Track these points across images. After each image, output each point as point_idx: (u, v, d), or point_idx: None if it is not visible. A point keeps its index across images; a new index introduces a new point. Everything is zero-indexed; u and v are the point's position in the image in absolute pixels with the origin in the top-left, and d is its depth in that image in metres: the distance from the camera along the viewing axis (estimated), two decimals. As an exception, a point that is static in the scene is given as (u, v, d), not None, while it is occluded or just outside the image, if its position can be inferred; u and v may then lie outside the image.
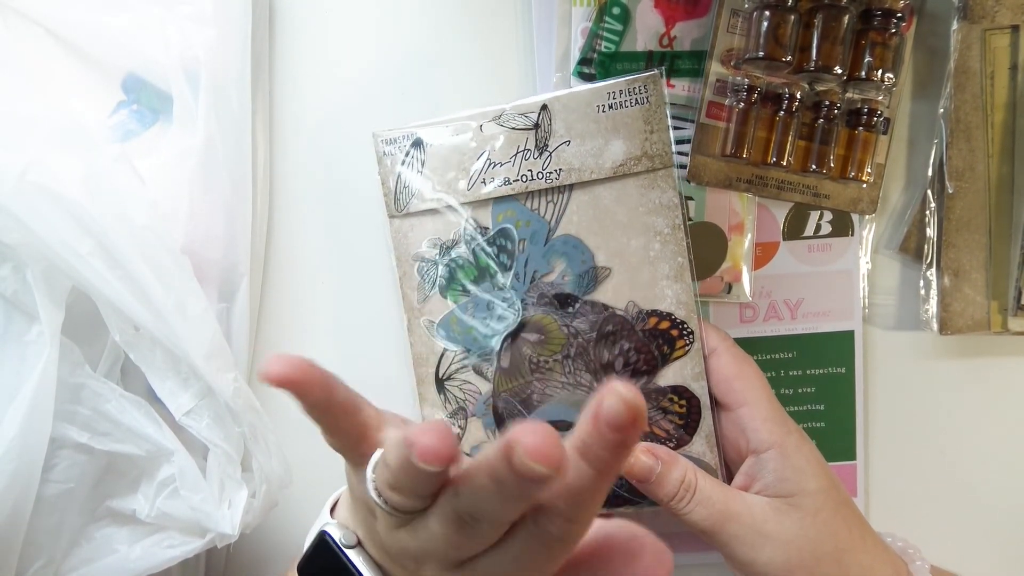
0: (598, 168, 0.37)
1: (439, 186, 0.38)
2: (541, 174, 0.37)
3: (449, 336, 0.39)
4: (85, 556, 0.41)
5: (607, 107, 0.36)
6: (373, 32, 0.45)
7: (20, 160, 0.36)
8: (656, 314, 0.37)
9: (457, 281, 0.38)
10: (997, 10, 0.41)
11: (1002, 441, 0.45)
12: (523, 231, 0.38)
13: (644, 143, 0.36)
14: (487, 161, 0.37)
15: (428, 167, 0.38)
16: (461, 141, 0.38)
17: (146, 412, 0.40)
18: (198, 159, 0.41)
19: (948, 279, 0.43)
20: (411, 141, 0.38)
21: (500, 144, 0.37)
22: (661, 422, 0.37)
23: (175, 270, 0.38)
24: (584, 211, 0.37)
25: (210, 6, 0.41)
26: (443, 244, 0.38)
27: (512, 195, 0.37)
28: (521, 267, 0.38)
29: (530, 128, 0.37)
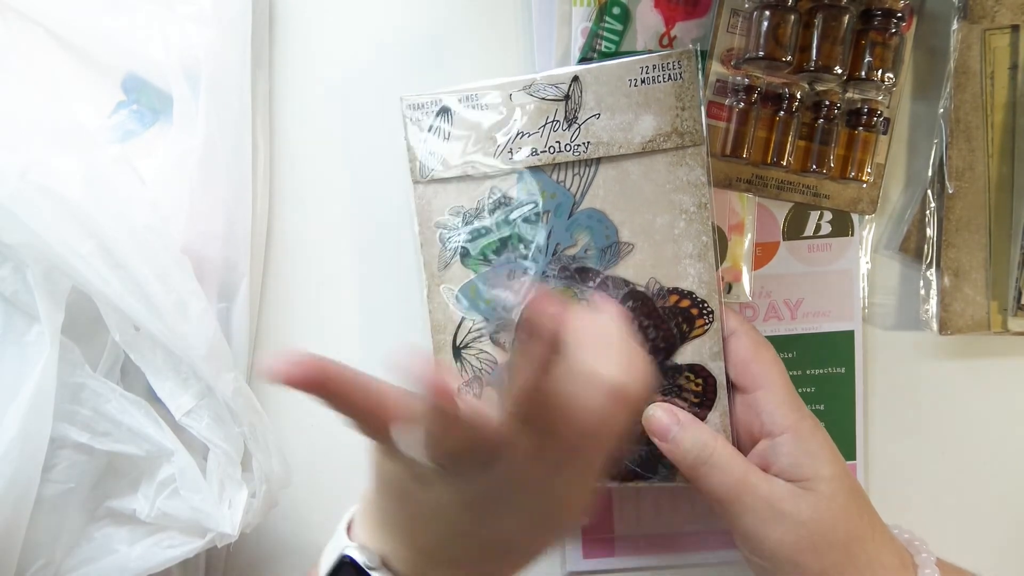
0: (627, 143, 0.37)
1: (465, 154, 0.38)
2: (569, 146, 0.37)
3: (469, 305, 0.39)
4: (85, 556, 0.41)
5: (639, 81, 0.36)
6: (372, 33, 0.45)
7: (20, 160, 0.36)
8: (677, 292, 0.37)
9: (479, 251, 0.39)
10: (997, 10, 0.41)
11: (1002, 441, 0.45)
12: (548, 203, 0.38)
13: (675, 120, 0.36)
14: (515, 131, 0.37)
15: (455, 135, 0.38)
16: (490, 110, 0.38)
17: (146, 412, 0.40)
18: (198, 159, 0.41)
19: (948, 279, 0.43)
20: (438, 108, 0.38)
21: (529, 114, 0.37)
22: (676, 400, 0.38)
23: (175, 270, 0.38)
24: (610, 185, 0.37)
25: (210, 6, 0.41)
26: (466, 213, 0.38)
27: (539, 166, 0.38)
28: (544, 239, 0.38)
29: (560, 99, 0.37)
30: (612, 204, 0.37)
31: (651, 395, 0.37)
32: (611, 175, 0.37)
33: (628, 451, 0.38)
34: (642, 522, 0.45)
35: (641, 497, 0.45)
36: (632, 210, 0.37)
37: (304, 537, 0.47)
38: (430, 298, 0.40)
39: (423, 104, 0.38)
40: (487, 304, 0.39)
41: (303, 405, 0.46)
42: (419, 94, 0.38)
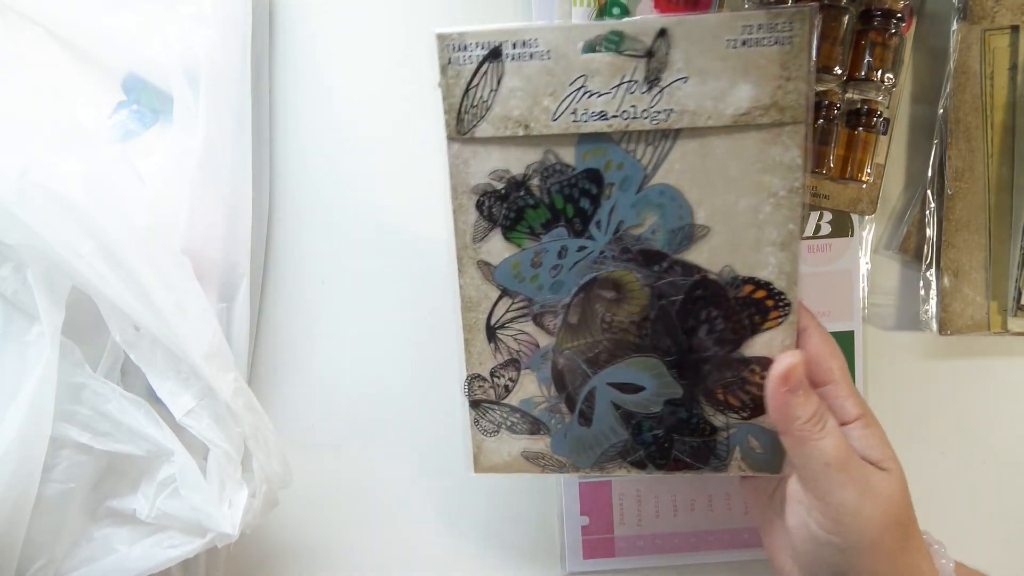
0: (716, 114, 0.31)
1: (518, 110, 0.32)
2: (647, 113, 0.31)
3: (508, 282, 0.35)
4: (85, 556, 0.41)
5: (739, 42, 0.31)
6: (372, 32, 0.45)
7: (20, 160, 0.36)
8: (753, 282, 0.34)
9: (525, 223, 0.34)
10: (997, 10, 0.41)
11: (1002, 441, 0.45)
12: (613, 174, 0.33)
13: (776, 91, 0.31)
14: (582, 88, 0.31)
15: (506, 85, 0.32)
16: (551, 59, 0.31)
17: (146, 412, 0.40)
18: (198, 159, 0.41)
19: (948, 279, 0.43)
20: (488, 50, 0.31)
21: (601, 70, 0.31)
22: (738, 392, 0.35)
23: (175, 270, 0.38)
24: (689, 160, 0.32)
25: (210, 6, 0.41)
26: (513, 178, 0.33)
27: (606, 133, 0.32)
28: (605, 215, 0.33)
29: (641, 55, 0.31)
30: (688, 181, 0.32)
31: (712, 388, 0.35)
32: (691, 148, 0.32)
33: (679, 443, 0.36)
34: (642, 522, 0.45)
35: (641, 497, 0.45)
36: (711, 189, 0.33)
37: (304, 537, 0.47)
38: (462, 272, 0.35)
39: (468, 45, 0.32)
40: (533, 283, 0.35)
41: (303, 405, 0.47)
42: (463, 31, 0.32)
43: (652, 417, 0.36)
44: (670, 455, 0.36)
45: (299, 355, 0.46)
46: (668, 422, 0.36)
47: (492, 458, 0.37)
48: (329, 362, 0.46)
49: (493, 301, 0.35)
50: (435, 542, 0.47)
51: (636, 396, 0.35)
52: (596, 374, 0.35)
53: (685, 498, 0.45)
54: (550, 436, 0.36)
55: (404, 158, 0.46)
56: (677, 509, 0.45)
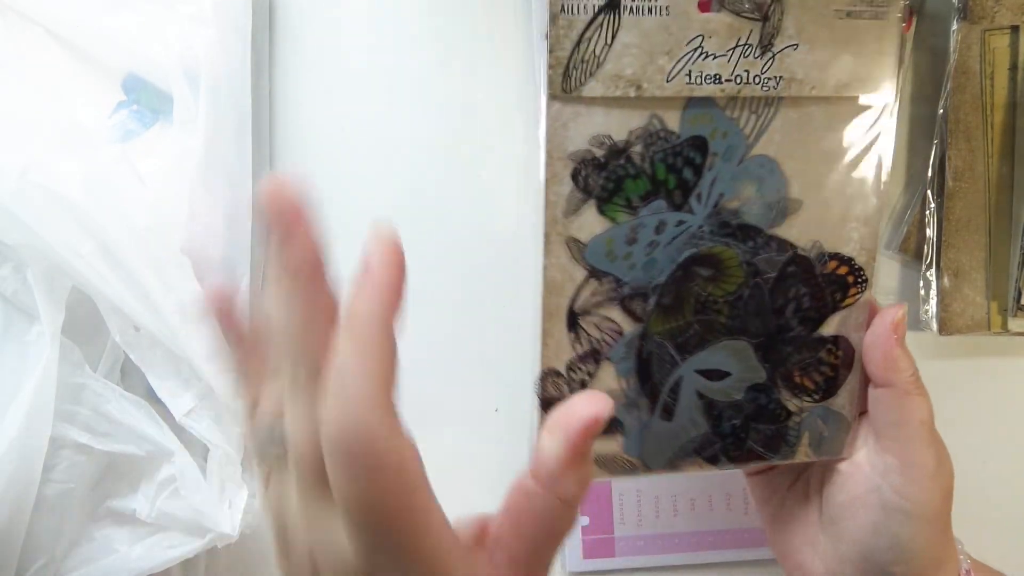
0: (821, 84, 0.31)
1: (632, 68, 0.29)
2: (759, 79, 0.30)
3: (599, 261, 0.31)
4: (85, 556, 0.41)
5: (845, 13, 0.31)
6: (372, 31, 0.45)
7: (20, 160, 0.36)
8: (837, 258, 0.33)
9: (623, 194, 0.31)
10: (997, 10, 0.41)
11: (1002, 441, 0.45)
12: (717, 143, 0.31)
13: (872, 65, 0.31)
14: (699, 49, 0.30)
15: (621, 40, 0.29)
16: (671, 15, 0.29)
17: (146, 412, 0.40)
18: (198, 159, 0.41)
19: (948, 279, 0.43)
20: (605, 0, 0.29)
21: (719, 31, 0.30)
22: (813, 373, 0.34)
23: (175, 270, 0.38)
24: (789, 131, 0.31)
25: (210, 6, 0.41)
26: (614, 145, 0.30)
27: (713, 98, 0.31)
28: (706, 187, 0.31)
29: (757, 19, 0.30)
30: (787, 153, 0.31)
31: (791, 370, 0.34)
32: (792, 118, 0.31)
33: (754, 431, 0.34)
34: (642, 522, 0.45)
35: (641, 498, 0.45)
36: (807, 162, 0.32)
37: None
38: (548, 251, 0.31)
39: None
40: (626, 261, 0.31)
41: (303, 405, 0.46)
42: None
43: (733, 406, 0.33)
44: (745, 445, 0.34)
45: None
46: (747, 409, 0.34)
47: None
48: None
49: (579, 284, 0.32)
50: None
51: (721, 383, 0.33)
52: (685, 361, 0.33)
53: (685, 498, 0.45)
54: (624, 435, 0.33)
55: (404, 157, 0.46)
56: (677, 509, 0.45)
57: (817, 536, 0.36)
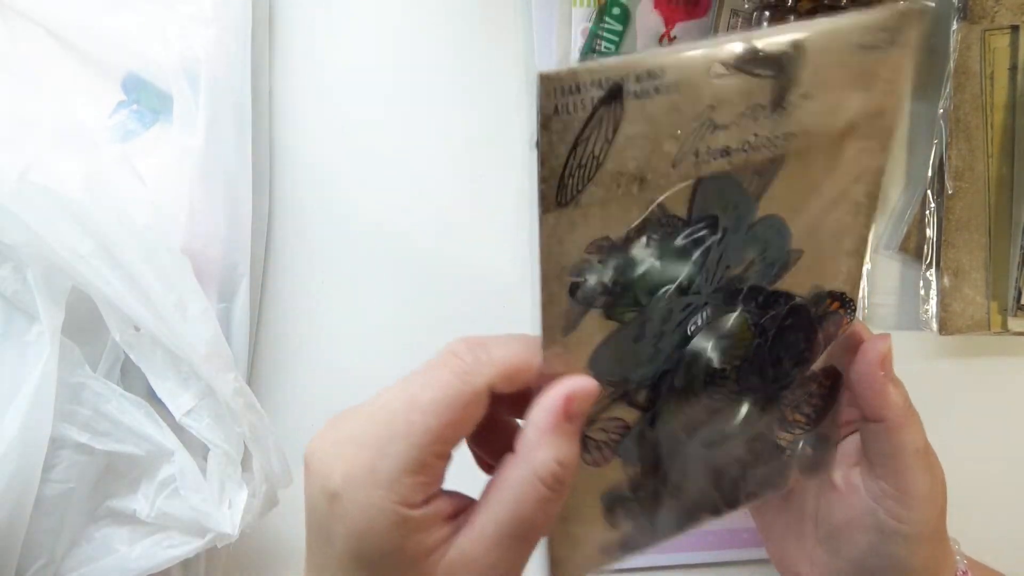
0: (828, 129, 0.27)
1: (635, 161, 0.24)
2: (769, 141, 0.26)
3: (604, 370, 0.27)
4: (85, 556, 0.41)
5: (869, 47, 0.26)
6: (372, 32, 0.45)
7: (20, 160, 0.36)
8: (831, 295, 0.31)
9: (631, 293, 0.27)
10: (997, 10, 0.41)
11: (1002, 441, 0.45)
12: (728, 217, 0.27)
13: (881, 97, 0.27)
14: (708, 122, 0.25)
15: (625, 133, 0.24)
16: (679, 92, 0.24)
17: (146, 412, 0.40)
18: (198, 159, 0.41)
19: (948, 279, 0.43)
20: (607, 89, 0.23)
21: (731, 97, 0.25)
22: (804, 407, 0.32)
23: (175, 270, 0.38)
24: (792, 182, 0.27)
25: (210, 6, 0.41)
26: (613, 245, 0.26)
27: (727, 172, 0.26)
28: (713, 263, 0.28)
29: (772, 75, 0.25)
30: (790, 205, 0.28)
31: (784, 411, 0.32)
32: (794, 169, 0.27)
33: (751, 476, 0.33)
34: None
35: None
36: (805, 209, 0.28)
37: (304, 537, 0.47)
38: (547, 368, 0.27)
39: (581, 86, 0.22)
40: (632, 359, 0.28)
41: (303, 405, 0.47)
42: (575, 68, 0.22)
43: (733, 461, 0.32)
44: (744, 490, 0.33)
45: (299, 355, 0.46)
46: (746, 460, 0.32)
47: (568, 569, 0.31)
48: (329, 362, 0.46)
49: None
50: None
51: (723, 447, 0.32)
52: (692, 438, 0.31)
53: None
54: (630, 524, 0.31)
55: (404, 157, 0.46)
56: (677, 509, 0.45)
57: (814, 550, 0.35)
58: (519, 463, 0.24)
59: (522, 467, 0.24)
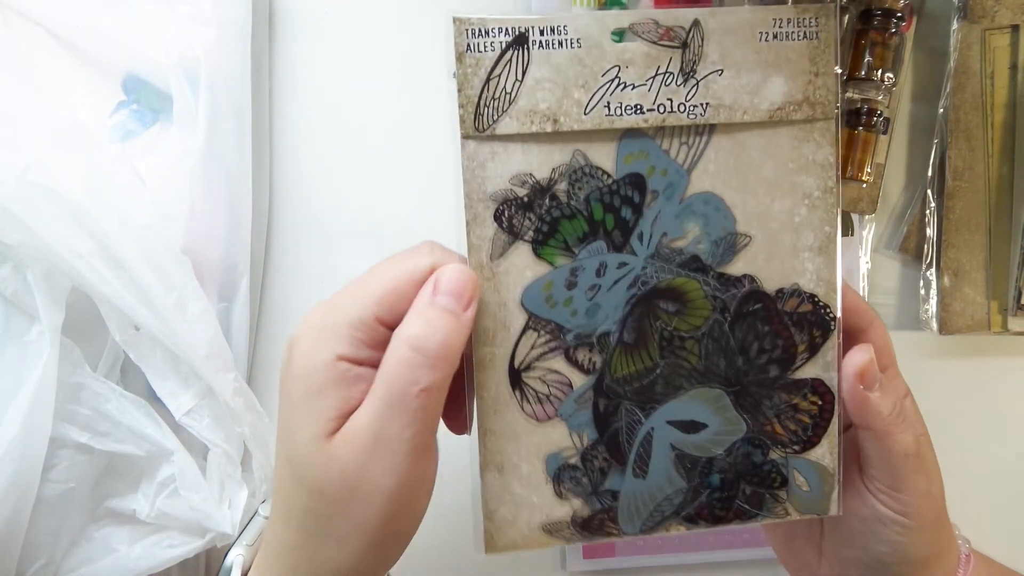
0: (752, 108, 0.30)
1: (546, 103, 0.29)
2: (684, 107, 0.29)
3: (538, 308, 0.30)
4: (85, 556, 0.41)
5: (771, 36, 0.30)
6: (372, 31, 0.45)
7: (20, 160, 0.36)
8: (797, 294, 0.31)
9: (559, 236, 0.29)
10: (997, 10, 0.41)
11: (1002, 441, 0.45)
12: (656, 180, 0.30)
13: (807, 87, 0.30)
14: (616, 80, 0.29)
15: (533, 75, 0.28)
16: (584, 47, 0.29)
17: (146, 412, 0.40)
18: (198, 159, 0.41)
19: (948, 279, 0.43)
20: (513, 36, 0.28)
21: (635, 60, 0.29)
22: (788, 421, 0.32)
23: (175, 270, 0.38)
24: (723, 160, 0.30)
25: (210, 6, 0.41)
26: (537, 184, 0.29)
27: (642, 129, 0.29)
28: (647, 227, 0.30)
29: (676, 47, 0.29)
30: (724, 184, 0.30)
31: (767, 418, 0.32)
32: (725, 147, 0.30)
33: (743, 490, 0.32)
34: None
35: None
36: (748, 192, 0.30)
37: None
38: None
39: (489, 31, 0.28)
40: (566, 307, 0.30)
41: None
42: (484, 16, 0.28)
43: (713, 461, 0.31)
44: (732, 505, 0.32)
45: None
46: (730, 466, 0.32)
47: (509, 533, 0.31)
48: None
49: (517, 334, 0.30)
50: (434, 543, 0.47)
51: (698, 436, 0.31)
52: (654, 411, 0.31)
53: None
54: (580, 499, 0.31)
55: (404, 157, 0.46)
56: (677, 509, 0.45)
57: (821, 540, 0.36)
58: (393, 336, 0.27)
59: (392, 338, 0.27)
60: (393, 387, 0.26)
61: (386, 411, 0.26)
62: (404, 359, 0.26)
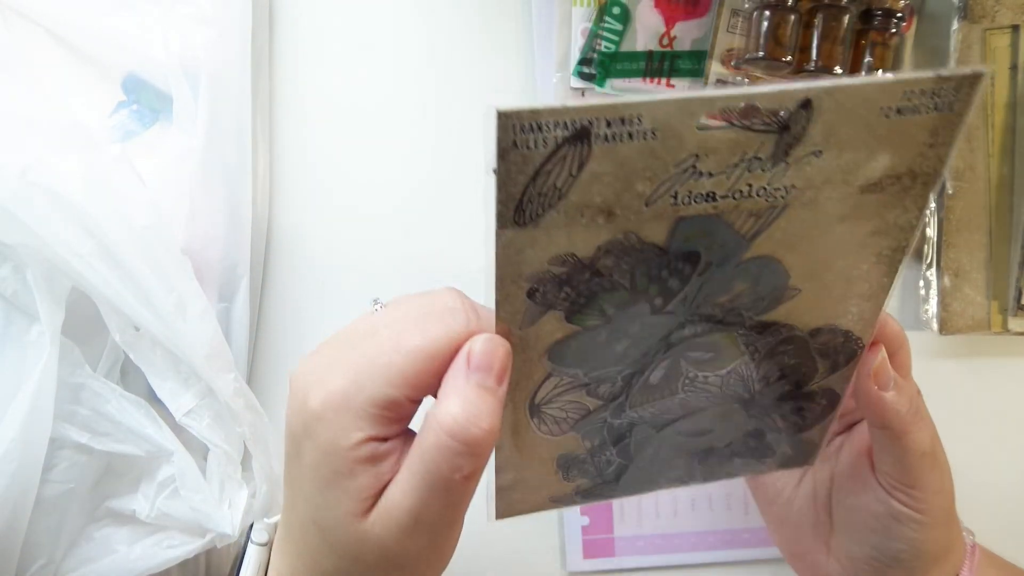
0: (844, 185, 0.25)
1: (602, 196, 0.24)
2: (765, 191, 0.25)
3: (564, 363, 0.28)
4: (85, 556, 0.41)
5: (895, 111, 0.24)
6: (372, 31, 0.45)
7: (20, 160, 0.36)
8: (832, 331, 0.30)
9: (596, 305, 0.27)
10: (997, 10, 0.41)
11: (1002, 441, 0.45)
12: (713, 253, 0.26)
13: (916, 159, 0.25)
14: (691, 169, 0.24)
15: (590, 170, 0.23)
16: (657, 139, 0.23)
17: (146, 412, 0.40)
18: (198, 159, 0.41)
19: (948, 279, 0.43)
20: (572, 131, 0.22)
21: (720, 148, 0.24)
22: (792, 416, 0.33)
23: (175, 270, 0.38)
24: (793, 228, 0.26)
25: (210, 6, 0.41)
26: (578, 261, 0.25)
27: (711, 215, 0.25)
28: (694, 291, 0.27)
29: (774, 131, 0.24)
30: (789, 246, 0.27)
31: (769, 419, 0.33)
32: (799, 217, 0.26)
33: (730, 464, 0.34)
34: (642, 522, 0.45)
35: (641, 498, 0.45)
36: (811, 254, 0.27)
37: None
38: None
39: (543, 125, 0.22)
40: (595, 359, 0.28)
41: (303, 405, 0.46)
42: (536, 108, 0.22)
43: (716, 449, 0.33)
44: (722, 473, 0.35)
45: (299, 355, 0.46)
46: (736, 448, 0.34)
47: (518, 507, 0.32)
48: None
49: (539, 381, 0.29)
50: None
51: (704, 438, 0.33)
52: (667, 427, 0.32)
53: (685, 498, 0.45)
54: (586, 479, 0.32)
55: (405, 157, 0.46)
56: (677, 509, 0.45)
57: (829, 538, 0.36)
58: (428, 416, 0.25)
59: (429, 419, 0.25)
60: (435, 474, 0.25)
61: (427, 495, 0.25)
62: (445, 447, 0.25)
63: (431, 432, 0.25)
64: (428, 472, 0.25)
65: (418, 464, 0.25)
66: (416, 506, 0.25)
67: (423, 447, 0.25)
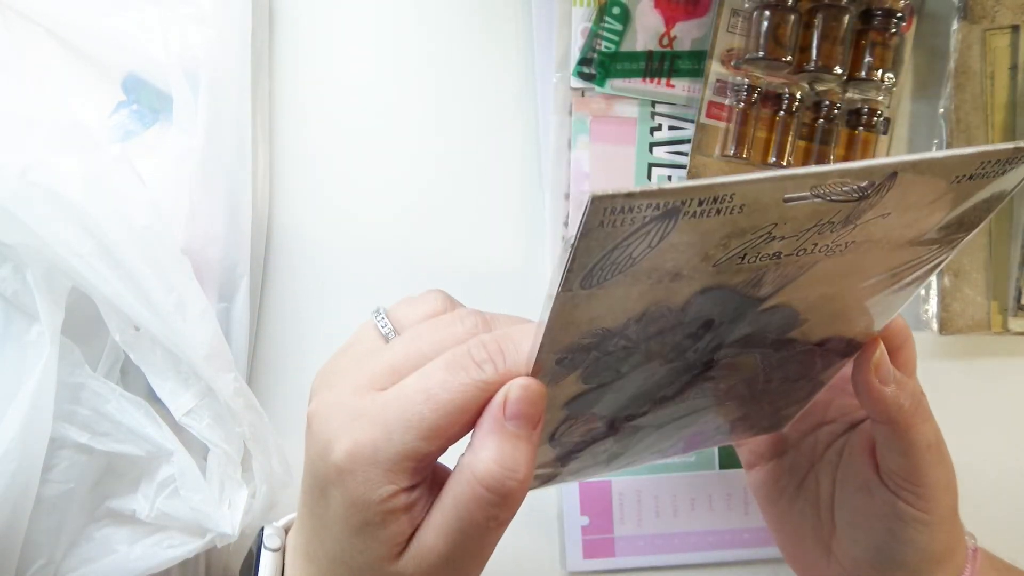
0: (895, 239, 0.25)
1: (674, 262, 0.23)
2: (827, 248, 0.24)
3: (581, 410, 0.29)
4: (85, 556, 0.41)
5: (966, 177, 0.24)
6: (372, 31, 0.45)
7: (20, 160, 0.36)
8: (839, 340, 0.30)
9: (612, 369, 0.27)
10: (997, 10, 0.41)
11: (1002, 441, 0.45)
12: (727, 314, 0.26)
13: (969, 212, 0.25)
14: (766, 236, 0.23)
15: (670, 241, 0.22)
16: (747, 212, 0.22)
17: (146, 412, 0.40)
18: (198, 159, 0.41)
19: (948, 279, 0.43)
20: (663, 211, 0.21)
21: (799, 217, 0.23)
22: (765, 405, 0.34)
23: (175, 270, 0.38)
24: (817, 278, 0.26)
25: (210, 6, 0.41)
26: (607, 332, 0.25)
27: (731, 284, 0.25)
28: (704, 345, 0.28)
29: (854, 200, 0.23)
30: (805, 293, 0.26)
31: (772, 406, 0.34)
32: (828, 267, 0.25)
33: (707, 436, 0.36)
34: (642, 522, 0.45)
35: (641, 498, 0.45)
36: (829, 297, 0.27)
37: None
38: None
39: (636, 207, 0.21)
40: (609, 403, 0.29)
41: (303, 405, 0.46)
42: (632, 191, 0.20)
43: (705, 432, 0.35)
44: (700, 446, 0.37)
45: (299, 355, 0.46)
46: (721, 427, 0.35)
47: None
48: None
49: (557, 423, 0.29)
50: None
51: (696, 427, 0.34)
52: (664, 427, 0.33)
53: (685, 498, 0.45)
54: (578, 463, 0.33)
55: (405, 156, 0.46)
56: (677, 509, 0.45)
57: (831, 540, 0.36)
58: (461, 462, 0.25)
59: (463, 467, 0.25)
60: (468, 521, 0.25)
61: (460, 539, 0.25)
62: (480, 497, 0.25)
63: (466, 483, 0.25)
64: (461, 519, 0.25)
65: (451, 511, 0.25)
66: (449, 550, 0.26)
67: (457, 496, 0.25)
